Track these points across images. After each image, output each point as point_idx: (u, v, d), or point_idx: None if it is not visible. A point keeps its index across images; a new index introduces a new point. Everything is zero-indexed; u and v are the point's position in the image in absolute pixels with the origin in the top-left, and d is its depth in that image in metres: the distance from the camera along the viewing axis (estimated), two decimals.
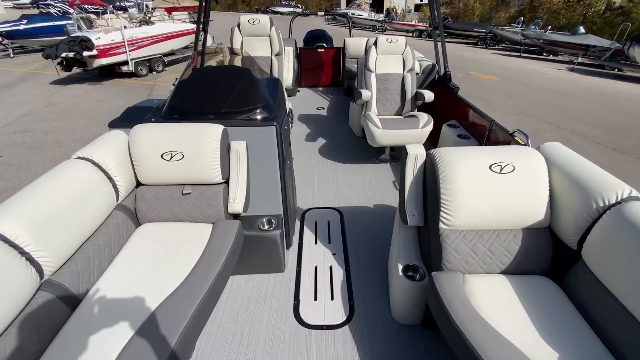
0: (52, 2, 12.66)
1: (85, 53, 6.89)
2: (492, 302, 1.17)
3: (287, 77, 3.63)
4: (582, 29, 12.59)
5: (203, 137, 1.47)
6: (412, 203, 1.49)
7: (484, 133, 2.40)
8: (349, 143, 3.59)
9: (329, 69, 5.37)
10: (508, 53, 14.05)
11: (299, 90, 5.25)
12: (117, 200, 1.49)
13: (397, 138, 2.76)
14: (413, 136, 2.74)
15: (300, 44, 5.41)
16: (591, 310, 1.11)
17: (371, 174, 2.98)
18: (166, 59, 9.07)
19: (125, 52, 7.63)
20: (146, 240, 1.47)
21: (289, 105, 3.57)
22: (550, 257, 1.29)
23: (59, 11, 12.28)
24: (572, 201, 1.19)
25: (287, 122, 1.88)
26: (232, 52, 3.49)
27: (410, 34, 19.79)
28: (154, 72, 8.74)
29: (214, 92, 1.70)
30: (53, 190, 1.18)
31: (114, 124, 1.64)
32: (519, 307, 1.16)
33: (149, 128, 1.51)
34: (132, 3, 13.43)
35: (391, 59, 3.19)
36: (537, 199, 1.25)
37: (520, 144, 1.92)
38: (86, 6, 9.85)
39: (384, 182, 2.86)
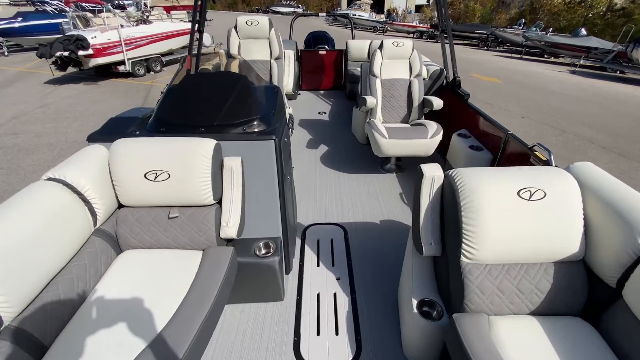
0: (48, 0, 12.48)
1: (81, 52, 6.75)
2: (521, 349, 1.04)
3: (288, 83, 3.45)
4: (583, 31, 12.53)
5: (192, 154, 1.32)
6: (428, 230, 1.33)
7: (499, 145, 2.25)
8: (352, 150, 3.44)
9: (330, 72, 5.22)
10: (509, 55, 13.97)
11: (299, 94, 5.09)
12: (95, 225, 1.33)
13: (404, 148, 2.61)
14: (421, 146, 2.60)
15: (300, 46, 5.30)
16: (633, 357, 0.98)
17: (376, 185, 2.83)
18: (164, 59, 8.93)
19: (122, 51, 7.49)
20: (127, 270, 1.31)
21: (289, 110, 3.35)
22: (586, 296, 1.14)
23: (55, 9, 12.12)
24: (611, 233, 1.05)
25: (287, 134, 1.75)
26: (229, 56, 3.32)
27: (411, 35, 19.70)
28: (151, 72, 8.60)
29: (206, 101, 1.56)
30: (14, 222, 1.01)
31: (93, 138, 1.47)
32: (551, 354, 1.02)
33: (131, 143, 1.35)
34: (130, 1, 13.31)
35: (397, 63, 3.04)
36: (570, 229, 1.10)
37: (541, 160, 1.75)
38: (84, 4, 9.71)
39: (390, 194, 2.71)
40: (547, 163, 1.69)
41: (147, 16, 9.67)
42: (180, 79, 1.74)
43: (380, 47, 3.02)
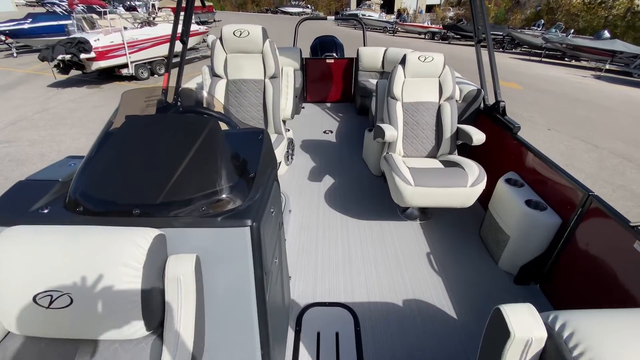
0: (57, 1, 12.47)
1: (83, 55, 6.56)
2: None
3: (286, 106, 2.74)
4: (606, 33, 11.88)
5: (111, 260, 0.80)
6: None
7: (572, 205, 1.62)
8: (364, 185, 2.85)
9: (338, 83, 4.73)
10: (527, 57, 13.37)
11: (303, 107, 4.61)
12: None
13: (435, 199, 2.01)
14: (458, 197, 2.00)
15: (306, 50, 4.93)
16: None
17: (395, 239, 2.23)
18: None
19: (125, 54, 7.28)
20: None
21: (289, 134, 2.85)
22: None
23: (64, 10, 12.07)
24: None
25: (277, 203, 1.23)
26: (214, 74, 2.64)
27: (423, 36, 19.22)
28: (155, 75, 8.39)
29: (151, 162, 1.01)
30: None
31: None
32: None
33: (20, 239, 0.83)
34: (140, 2, 13.20)
35: (424, 83, 2.45)
36: None
37: None
38: (94, 6, 9.59)
39: (414, 254, 2.11)
40: None
41: (154, 18, 9.48)
42: (123, 117, 1.11)
43: (403, 62, 2.42)
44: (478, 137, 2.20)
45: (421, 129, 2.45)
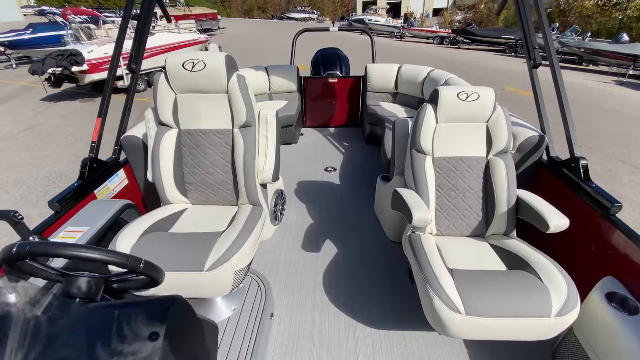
0: (58, 11, 12.38)
1: (75, 68, 6.25)
2: None
3: (266, 166, 1.93)
4: (625, 37, 11.26)
5: None
6: None
7: None
8: (378, 259, 2.06)
9: (343, 105, 4.07)
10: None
11: (301, 134, 3.97)
12: None
13: (497, 332, 1.22)
14: (533, 331, 1.20)
15: (304, 62, 4.43)
16: None
17: (424, 354, 1.51)
18: None
19: (120, 66, 6.96)
20: None
21: (277, 185, 2.30)
22: None
23: (64, 20, 11.96)
24: None
25: None
26: (160, 122, 1.80)
27: (431, 40, 18.77)
28: (152, 87, 8.08)
29: None
30: None
31: None
32: None
33: None
34: None
35: (465, 130, 1.71)
36: None
37: None
38: (102, 16, 9.39)
39: None
40: None
41: (153, 27, 9.21)
42: None
43: (434, 99, 1.70)
44: (558, 222, 1.33)
45: (462, 197, 1.69)
